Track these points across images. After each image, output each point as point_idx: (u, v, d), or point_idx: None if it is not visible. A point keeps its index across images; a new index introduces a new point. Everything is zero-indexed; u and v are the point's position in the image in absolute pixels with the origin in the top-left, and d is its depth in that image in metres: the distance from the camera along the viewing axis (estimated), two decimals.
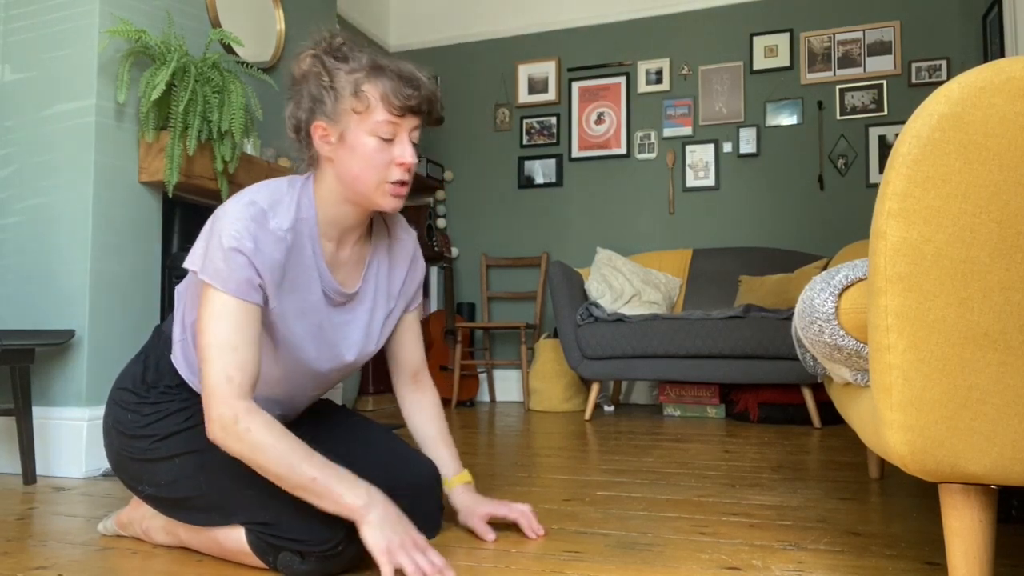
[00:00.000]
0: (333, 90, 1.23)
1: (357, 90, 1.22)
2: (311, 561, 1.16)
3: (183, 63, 2.24)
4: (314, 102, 1.24)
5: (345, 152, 1.24)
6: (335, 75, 1.23)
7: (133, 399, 1.32)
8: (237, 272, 1.15)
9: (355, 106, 1.22)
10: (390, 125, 1.23)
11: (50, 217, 2.17)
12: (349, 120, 1.23)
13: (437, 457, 1.47)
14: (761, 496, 1.74)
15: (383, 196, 1.26)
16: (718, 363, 3.23)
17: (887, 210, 0.88)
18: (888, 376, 0.90)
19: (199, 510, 1.25)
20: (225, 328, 1.14)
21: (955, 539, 0.92)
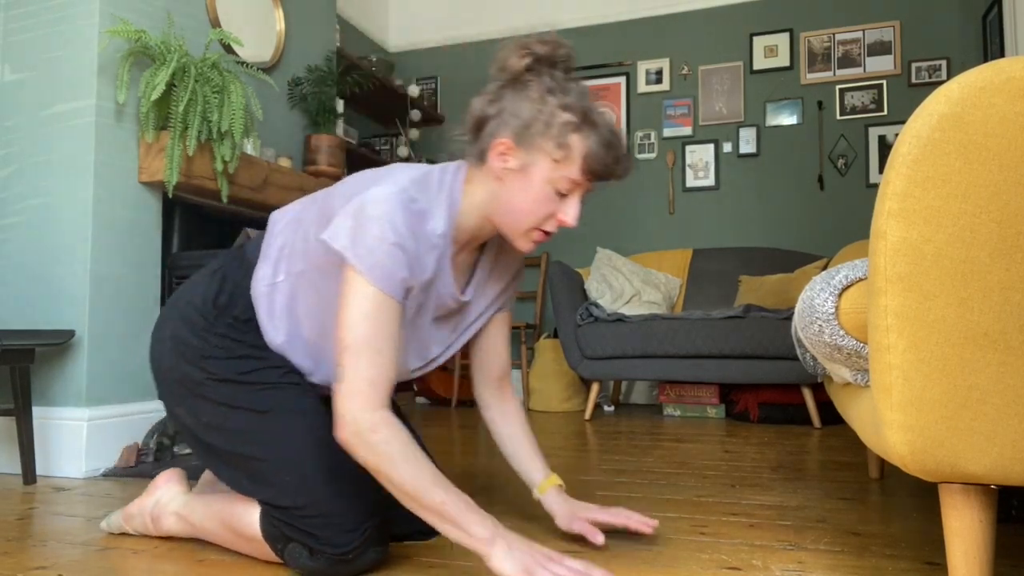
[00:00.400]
0: (540, 121, 1.14)
1: (563, 136, 1.14)
2: (319, 559, 1.14)
3: (183, 63, 2.24)
4: (513, 116, 1.16)
5: (518, 183, 1.17)
6: (546, 104, 1.15)
7: (201, 322, 1.26)
8: (396, 271, 1.10)
9: (553, 152, 1.14)
10: (574, 184, 1.17)
11: (50, 217, 2.17)
12: (539, 158, 1.15)
13: (524, 465, 1.43)
14: (761, 496, 1.74)
15: (525, 239, 1.21)
16: (718, 363, 3.23)
17: (887, 210, 0.88)
18: (888, 376, 0.90)
19: (228, 465, 1.22)
20: (374, 327, 1.08)
21: (955, 539, 0.92)
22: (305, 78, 3.16)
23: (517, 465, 1.44)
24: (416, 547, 1.33)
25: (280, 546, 1.17)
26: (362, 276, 1.09)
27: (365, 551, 1.15)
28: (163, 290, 2.45)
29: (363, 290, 1.08)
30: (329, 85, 3.21)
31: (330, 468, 1.18)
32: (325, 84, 3.19)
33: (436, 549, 1.31)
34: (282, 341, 1.26)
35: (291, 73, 3.13)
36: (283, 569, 1.21)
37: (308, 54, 3.24)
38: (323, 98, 3.18)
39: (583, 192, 1.19)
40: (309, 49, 3.26)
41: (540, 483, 1.40)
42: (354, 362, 1.07)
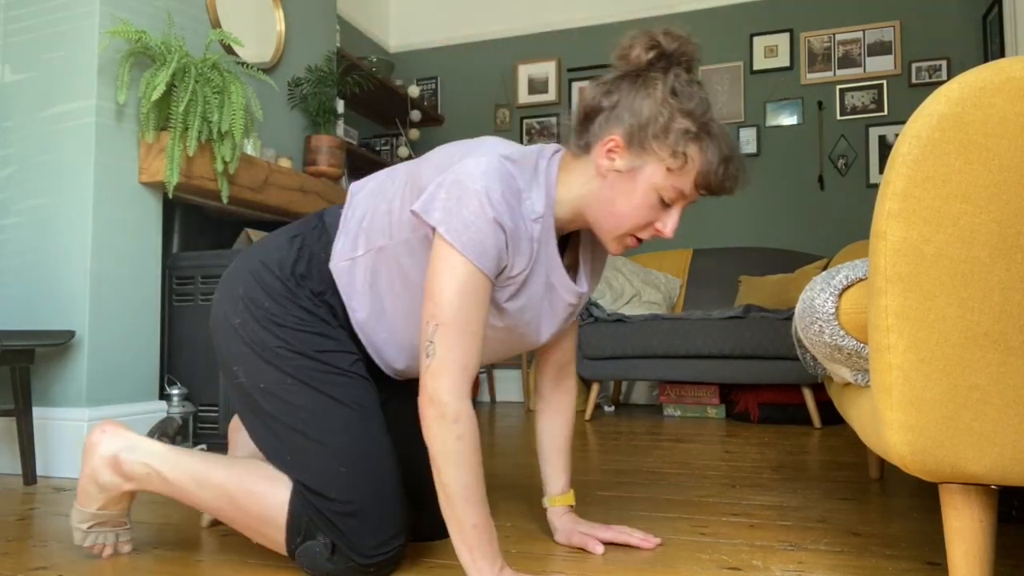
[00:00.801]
0: (658, 124, 1.08)
1: (680, 147, 1.08)
2: (338, 562, 1.11)
3: (183, 63, 2.24)
4: (630, 113, 1.10)
5: (623, 185, 1.11)
6: (668, 107, 1.08)
7: (278, 287, 1.21)
8: (492, 247, 1.05)
9: (668, 159, 1.08)
10: (682, 196, 1.12)
11: (50, 218, 2.17)
12: (651, 162, 1.09)
13: (550, 470, 1.40)
14: (761, 496, 1.74)
15: (617, 243, 1.17)
16: (718, 363, 3.23)
17: (887, 210, 0.88)
18: (888, 376, 0.90)
19: (273, 434, 1.18)
20: (469, 307, 1.05)
21: (955, 539, 0.92)
22: (305, 78, 3.16)
23: (543, 465, 1.42)
24: (416, 547, 1.33)
25: (298, 539, 1.13)
26: (457, 251, 1.04)
27: (386, 568, 1.14)
28: (163, 290, 2.45)
29: (458, 266, 1.04)
30: (329, 85, 3.21)
31: (382, 475, 1.16)
32: (325, 84, 3.19)
33: (436, 549, 1.31)
34: (364, 318, 1.23)
35: (291, 73, 3.13)
36: (287, 571, 1.21)
37: (308, 54, 3.25)
38: (323, 98, 3.18)
39: (687, 203, 1.14)
40: (309, 49, 3.26)
41: (554, 496, 1.40)
42: (448, 341, 1.04)
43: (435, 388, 1.04)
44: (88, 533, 1.27)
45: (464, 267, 1.05)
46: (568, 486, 1.41)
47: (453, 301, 1.04)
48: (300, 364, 1.18)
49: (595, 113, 1.13)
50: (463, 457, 1.04)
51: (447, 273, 1.05)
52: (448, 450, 1.03)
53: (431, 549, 1.32)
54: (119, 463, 1.22)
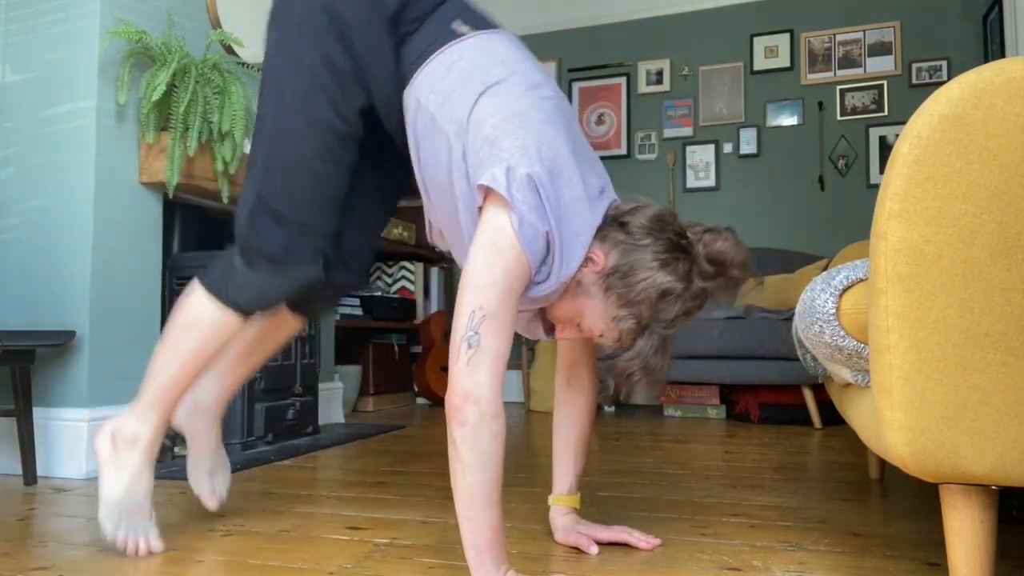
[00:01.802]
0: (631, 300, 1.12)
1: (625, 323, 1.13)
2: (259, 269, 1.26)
3: (184, 64, 2.24)
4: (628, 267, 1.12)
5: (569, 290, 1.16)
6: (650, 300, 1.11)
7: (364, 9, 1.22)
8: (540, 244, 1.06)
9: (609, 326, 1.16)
10: (591, 335, 1.21)
11: (50, 218, 2.17)
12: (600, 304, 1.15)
13: (559, 468, 1.40)
14: (762, 497, 1.74)
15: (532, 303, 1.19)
16: (719, 363, 3.22)
17: (888, 211, 0.88)
18: (889, 377, 0.90)
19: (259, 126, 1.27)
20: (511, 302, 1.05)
21: (956, 540, 0.92)
22: None
23: (555, 462, 1.42)
24: (416, 547, 1.33)
25: (223, 289, 1.27)
26: (520, 244, 1.04)
27: (303, 260, 1.23)
28: (164, 291, 2.45)
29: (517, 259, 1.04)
30: None
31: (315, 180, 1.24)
32: None
33: (436, 550, 1.31)
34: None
35: None
36: (287, 571, 1.21)
37: None
38: None
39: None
40: None
41: (559, 495, 1.40)
42: (493, 333, 1.02)
43: (476, 383, 1.01)
44: (119, 524, 1.30)
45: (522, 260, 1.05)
46: (575, 488, 1.40)
47: (505, 292, 1.04)
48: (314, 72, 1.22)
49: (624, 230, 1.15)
50: (496, 456, 1.03)
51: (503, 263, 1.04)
52: (483, 449, 1.02)
53: (429, 549, 1.32)
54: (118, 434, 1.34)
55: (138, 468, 1.33)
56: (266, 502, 1.71)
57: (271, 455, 2.32)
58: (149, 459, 1.35)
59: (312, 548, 1.33)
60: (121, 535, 1.29)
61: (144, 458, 1.34)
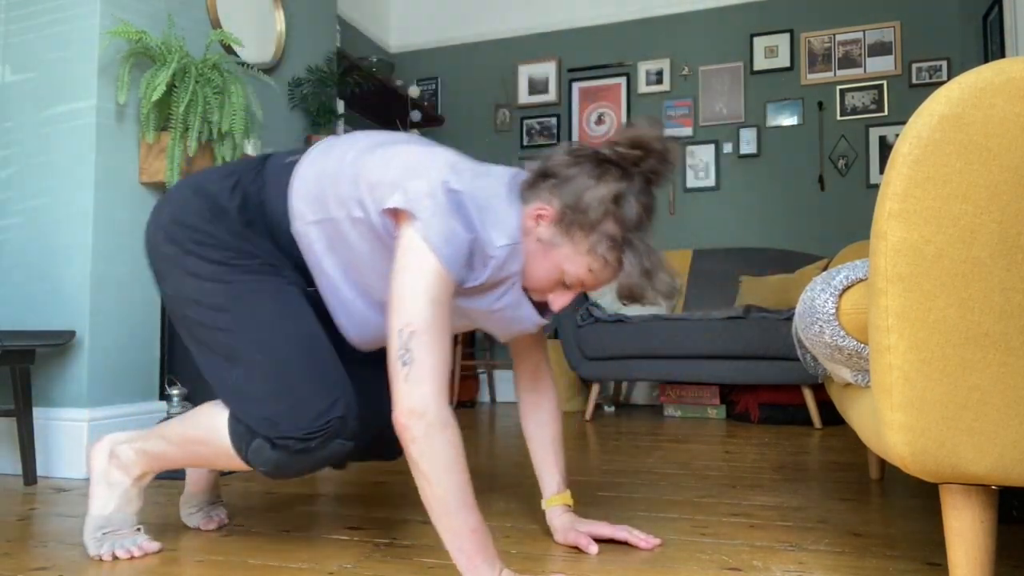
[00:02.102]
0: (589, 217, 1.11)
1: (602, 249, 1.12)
2: (281, 450, 1.14)
3: (183, 64, 2.24)
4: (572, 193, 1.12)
5: (537, 252, 1.15)
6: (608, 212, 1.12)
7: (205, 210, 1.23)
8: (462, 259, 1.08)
9: (583, 251, 1.13)
10: (581, 284, 1.17)
11: (51, 218, 2.17)
12: (568, 247, 1.14)
13: (542, 471, 1.40)
14: (762, 497, 1.74)
15: None
16: (718, 363, 3.22)
17: (888, 211, 0.88)
18: (889, 377, 0.90)
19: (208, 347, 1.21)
20: (440, 313, 1.06)
21: (956, 539, 0.92)
22: (305, 79, 3.16)
23: (537, 467, 1.42)
24: (416, 547, 1.33)
25: (244, 445, 1.16)
26: (434, 256, 1.05)
27: (328, 441, 1.15)
28: None
29: (433, 272, 1.06)
30: (329, 86, 3.21)
31: (302, 355, 1.18)
32: (325, 85, 3.19)
33: (436, 550, 1.31)
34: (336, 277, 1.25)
35: (292, 74, 3.13)
36: (287, 571, 1.21)
37: (308, 55, 3.25)
38: (323, 99, 3.18)
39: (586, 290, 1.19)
40: (309, 50, 3.26)
41: (551, 497, 1.39)
42: (425, 346, 1.04)
43: (420, 396, 1.03)
44: (103, 540, 1.29)
45: (439, 271, 1.06)
46: (564, 485, 1.40)
47: (428, 306, 1.05)
48: (214, 269, 1.21)
49: (548, 176, 1.16)
50: (457, 462, 1.04)
51: (421, 279, 1.05)
52: (440, 459, 1.03)
53: (429, 549, 1.32)
54: (116, 455, 1.32)
55: (128, 490, 1.32)
56: (266, 502, 1.71)
57: None
58: (140, 486, 1.34)
59: (312, 548, 1.33)
60: (106, 552, 1.27)
61: (136, 484, 1.33)
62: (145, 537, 1.32)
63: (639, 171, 1.14)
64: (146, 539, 1.32)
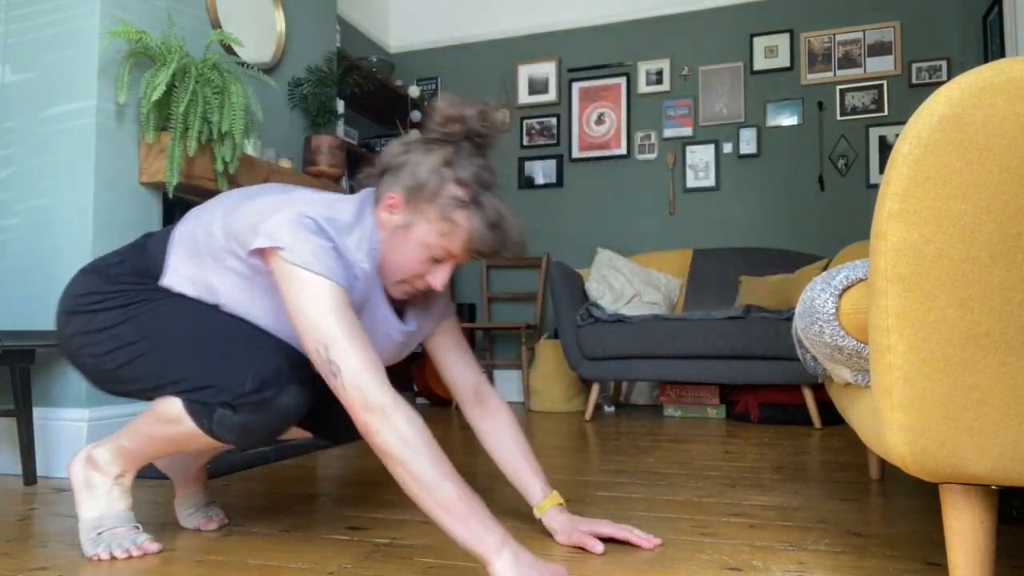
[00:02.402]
0: (430, 188, 1.19)
1: (448, 210, 1.19)
2: (244, 412, 1.16)
3: (183, 64, 2.24)
4: (409, 174, 1.21)
5: (398, 238, 1.22)
6: (442, 175, 1.19)
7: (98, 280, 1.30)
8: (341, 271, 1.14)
9: (436, 221, 1.19)
10: (450, 255, 1.23)
11: (50, 218, 2.17)
12: (423, 223, 1.20)
13: (522, 480, 1.40)
14: (762, 497, 1.74)
15: (397, 289, 1.27)
16: (718, 363, 3.23)
17: (887, 211, 0.88)
18: (889, 376, 0.90)
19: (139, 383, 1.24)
20: (343, 318, 1.11)
21: (956, 539, 0.92)
22: (305, 79, 3.16)
23: (515, 482, 1.41)
24: (416, 547, 1.33)
25: (207, 420, 1.19)
26: (312, 273, 1.12)
27: (283, 388, 1.17)
28: None
29: (319, 286, 1.11)
30: (329, 86, 3.21)
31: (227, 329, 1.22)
32: (325, 85, 3.19)
33: (436, 550, 1.32)
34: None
35: (291, 74, 3.13)
36: (287, 571, 1.21)
37: (308, 55, 3.25)
38: (323, 99, 3.18)
39: (459, 263, 1.25)
40: (309, 50, 3.26)
41: (540, 503, 1.39)
42: (344, 354, 1.08)
43: (361, 392, 1.07)
44: (99, 540, 1.29)
45: (324, 286, 1.12)
46: (548, 486, 1.40)
47: (327, 319, 1.10)
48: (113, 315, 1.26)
49: (388, 170, 1.24)
50: (421, 437, 1.06)
51: (308, 297, 1.11)
52: (405, 438, 1.05)
53: (429, 549, 1.32)
54: (93, 460, 1.33)
55: (110, 489, 1.33)
56: (266, 502, 1.71)
57: (271, 455, 2.32)
58: (123, 485, 1.34)
59: (312, 548, 1.33)
60: (103, 551, 1.27)
61: (118, 482, 1.34)
62: (146, 537, 1.32)
63: (463, 138, 1.23)
64: (147, 539, 1.32)
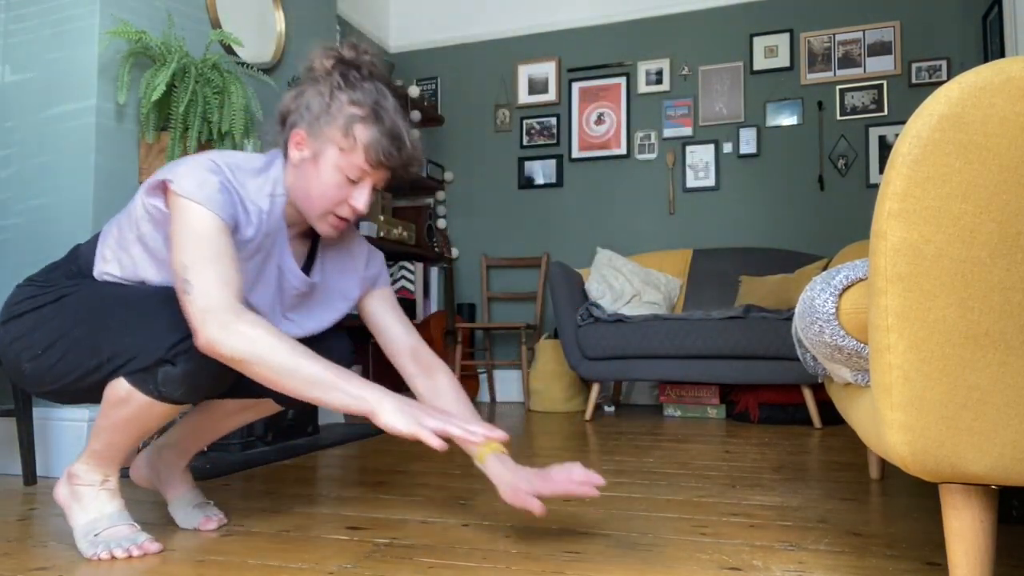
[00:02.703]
0: (328, 114, 1.28)
1: (348, 127, 1.27)
2: (182, 362, 1.19)
3: (183, 64, 2.24)
4: (307, 110, 1.29)
5: (310, 170, 1.29)
6: (336, 99, 1.28)
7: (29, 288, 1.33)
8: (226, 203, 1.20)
9: (340, 141, 1.27)
10: (361, 171, 1.29)
11: (50, 218, 2.17)
12: (328, 147, 1.28)
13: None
14: (762, 496, 1.74)
15: (323, 223, 1.32)
16: (718, 363, 3.23)
17: (887, 210, 0.88)
18: (888, 376, 0.90)
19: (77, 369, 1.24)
20: (211, 244, 1.16)
21: (956, 539, 0.92)
22: None
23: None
24: (416, 547, 1.33)
25: (152, 384, 1.20)
26: (193, 202, 1.17)
27: None
28: None
29: (195, 213, 1.17)
30: None
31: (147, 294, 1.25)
32: None
33: (436, 550, 1.32)
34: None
35: (291, 74, 3.13)
36: (287, 571, 1.21)
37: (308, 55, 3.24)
38: None
39: (374, 181, 1.31)
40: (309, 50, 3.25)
41: (478, 452, 1.36)
42: (199, 272, 1.14)
43: (204, 308, 1.12)
44: (96, 541, 1.29)
45: (200, 213, 1.18)
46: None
47: (196, 243, 1.16)
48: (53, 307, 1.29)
49: (286, 116, 1.33)
50: (270, 332, 1.10)
51: (185, 223, 1.17)
52: (252, 338, 1.09)
53: (429, 549, 1.32)
54: (73, 475, 1.35)
55: (96, 495, 1.33)
56: (266, 502, 1.71)
57: (271, 455, 2.32)
58: (108, 489, 1.34)
59: (312, 548, 1.33)
60: (102, 551, 1.27)
61: (103, 487, 1.34)
62: (146, 537, 1.32)
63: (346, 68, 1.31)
64: (147, 539, 1.32)
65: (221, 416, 1.51)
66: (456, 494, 1.79)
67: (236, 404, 1.49)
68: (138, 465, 1.57)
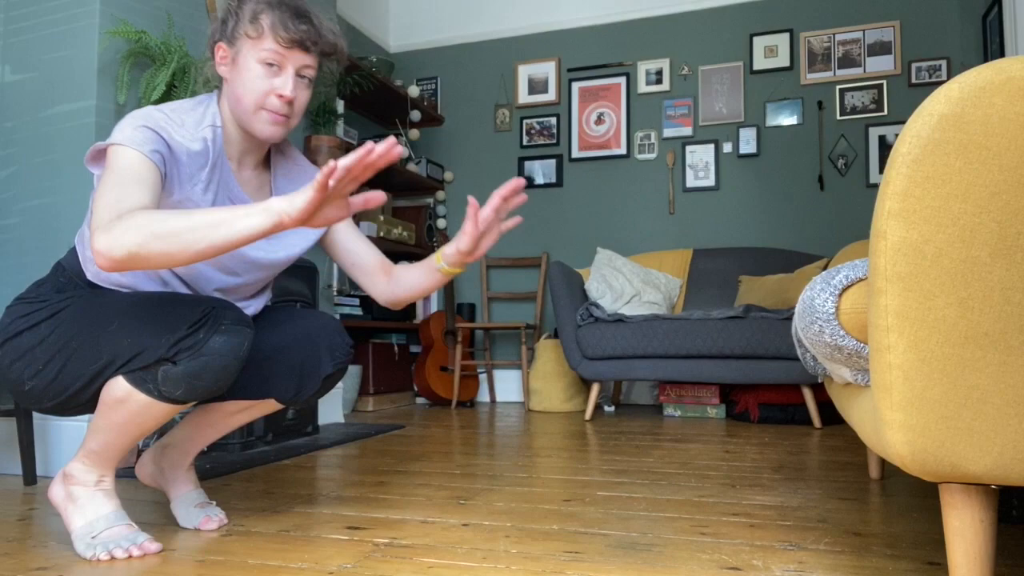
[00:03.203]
0: (236, 15, 1.34)
1: (254, 17, 1.32)
2: (183, 360, 1.20)
3: (183, 64, 2.24)
4: (222, 23, 1.36)
5: (235, 74, 1.34)
6: (245, 4, 1.34)
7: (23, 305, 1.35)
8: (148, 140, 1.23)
9: (249, 31, 1.32)
10: (276, 55, 1.32)
11: (51, 218, 2.17)
12: (243, 44, 1.33)
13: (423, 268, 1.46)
14: (761, 496, 1.74)
15: (261, 123, 1.34)
16: (718, 363, 3.23)
17: (887, 210, 0.88)
18: (888, 376, 0.90)
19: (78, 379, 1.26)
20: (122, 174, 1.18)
21: (956, 539, 0.92)
22: None
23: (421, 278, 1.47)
24: (416, 547, 1.33)
25: (152, 384, 1.22)
26: (114, 145, 1.21)
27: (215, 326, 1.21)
28: None
29: (114, 153, 1.21)
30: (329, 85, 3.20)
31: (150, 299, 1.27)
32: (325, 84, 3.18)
33: (436, 549, 1.32)
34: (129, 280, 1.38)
35: None
36: (287, 571, 1.21)
37: None
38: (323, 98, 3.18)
39: (298, 67, 1.34)
40: None
41: (435, 263, 1.44)
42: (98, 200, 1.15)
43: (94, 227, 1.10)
44: (95, 543, 1.29)
45: (118, 151, 1.21)
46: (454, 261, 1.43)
47: (107, 176, 1.18)
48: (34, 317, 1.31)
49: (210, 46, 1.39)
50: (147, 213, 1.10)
51: (107, 166, 1.20)
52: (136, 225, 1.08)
53: (429, 549, 1.32)
54: (69, 475, 1.35)
55: (92, 496, 1.33)
56: (266, 502, 1.71)
57: (271, 455, 2.32)
58: (104, 489, 1.35)
59: (312, 548, 1.33)
60: (101, 552, 1.27)
61: (98, 487, 1.34)
62: (146, 537, 1.32)
63: None
64: (147, 539, 1.32)
65: (222, 416, 1.51)
66: (456, 494, 1.79)
67: (236, 404, 1.50)
68: (143, 463, 1.57)
